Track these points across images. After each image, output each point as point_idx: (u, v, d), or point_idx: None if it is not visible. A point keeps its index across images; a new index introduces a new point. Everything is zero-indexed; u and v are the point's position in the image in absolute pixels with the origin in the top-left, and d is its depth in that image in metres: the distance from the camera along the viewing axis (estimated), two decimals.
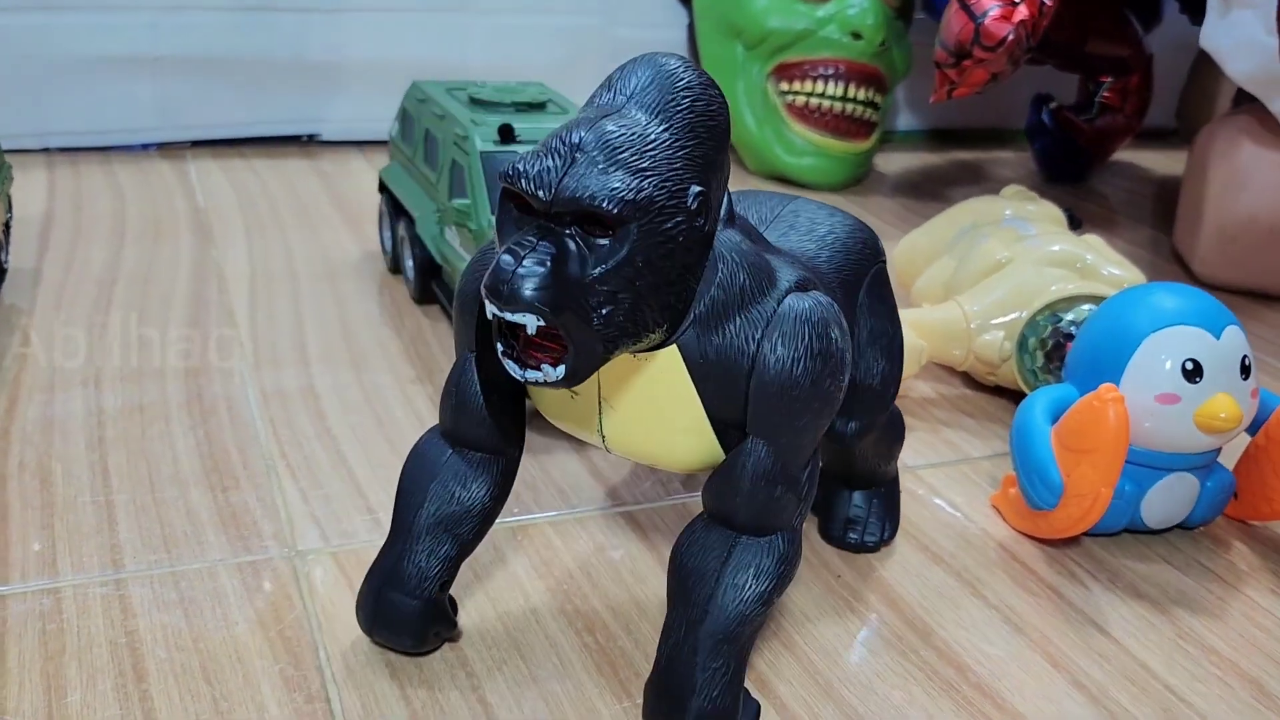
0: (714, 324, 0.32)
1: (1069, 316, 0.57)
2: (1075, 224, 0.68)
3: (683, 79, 0.31)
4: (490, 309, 0.29)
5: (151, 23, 0.88)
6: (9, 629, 0.39)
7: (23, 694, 0.36)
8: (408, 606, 0.37)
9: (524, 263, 0.28)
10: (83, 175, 0.85)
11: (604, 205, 0.28)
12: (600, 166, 0.29)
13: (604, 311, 0.29)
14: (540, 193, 0.29)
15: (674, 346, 0.32)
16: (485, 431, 0.36)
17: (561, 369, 0.30)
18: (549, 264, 0.28)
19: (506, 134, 0.59)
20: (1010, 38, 0.77)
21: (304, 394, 0.56)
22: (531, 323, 0.29)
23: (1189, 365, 0.46)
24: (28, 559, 0.42)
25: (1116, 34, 1.00)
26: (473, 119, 0.61)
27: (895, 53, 0.98)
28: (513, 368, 0.30)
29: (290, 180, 0.88)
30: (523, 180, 0.29)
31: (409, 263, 0.66)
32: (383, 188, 0.72)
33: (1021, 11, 0.77)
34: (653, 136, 0.30)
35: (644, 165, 0.29)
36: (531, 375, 0.30)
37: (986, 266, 0.61)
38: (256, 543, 0.44)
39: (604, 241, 0.29)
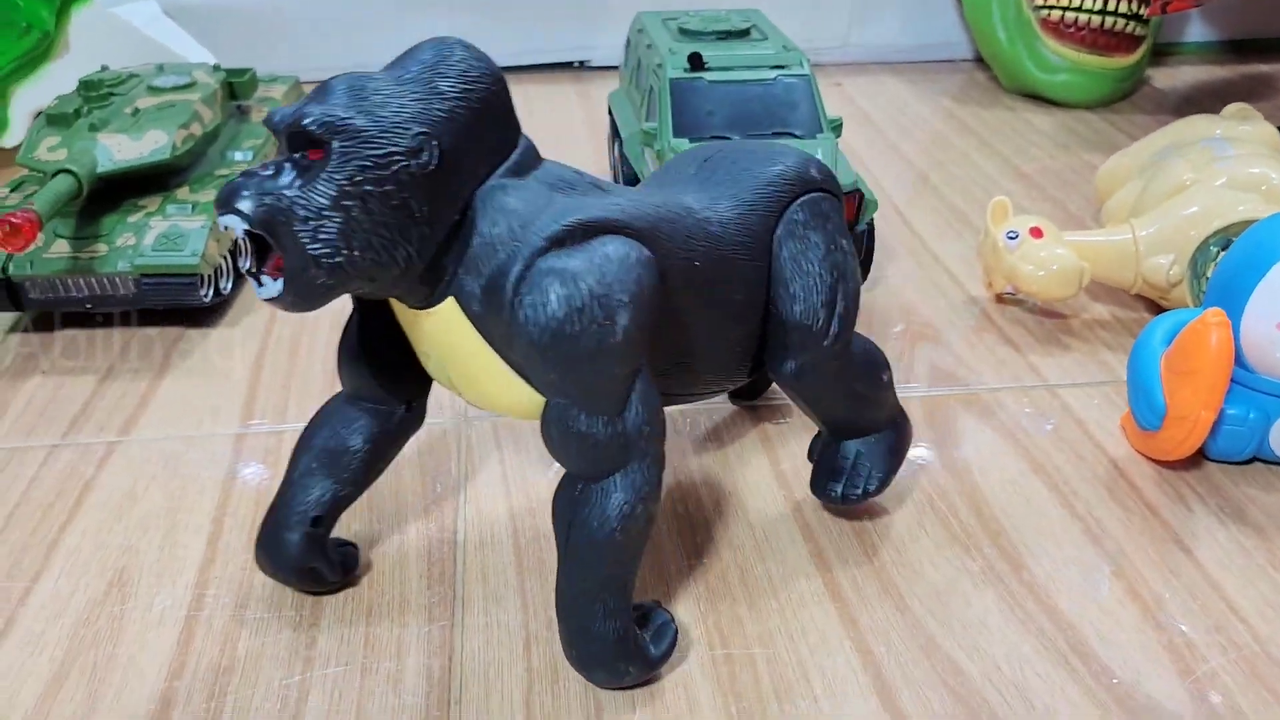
0: (478, 270, 0.33)
1: None
2: None
3: (453, 53, 0.34)
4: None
5: None
6: (242, 458, 0.51)
7: (240, 504, 0.48)
8: (285, 540, 0.40)
9: (244, 176, 0.32)
10: None
11: (306, 122, 0.31)
12: (323, 98, 0.32)
13: (309, 225, 0.31)
14: (275, 122, 0.32)
15: (451, 298, 0.34)
16: (366, 383, 0.39)
17: (279, 283, 0.32)
18: (260, 176, 0.31)
19: (696, 62, 0.64)
20: None
21: None
22: (236, 225, 0.31)
23: None
24: (268, 408, 0.54)
25: None
26: (670, 48, 0.66)
27: None
28: (253, 283, 0.33)
29: (555, 104, 0.98)
30: (270, 115, 0.33)
31: (622, 178, 0.74)
32: (610, 110, 0.79)
33: None
34: (386, 88, 0.32)
35: (363, 102, 0.32)
36: (260, 290, 0.33)
37: (1170, 188, 0.59)
38: (435, 409, 0.54)
39: (316, 161, 0.31)
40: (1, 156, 0.83)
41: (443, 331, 0.35)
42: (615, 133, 0.77)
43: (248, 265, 0.33)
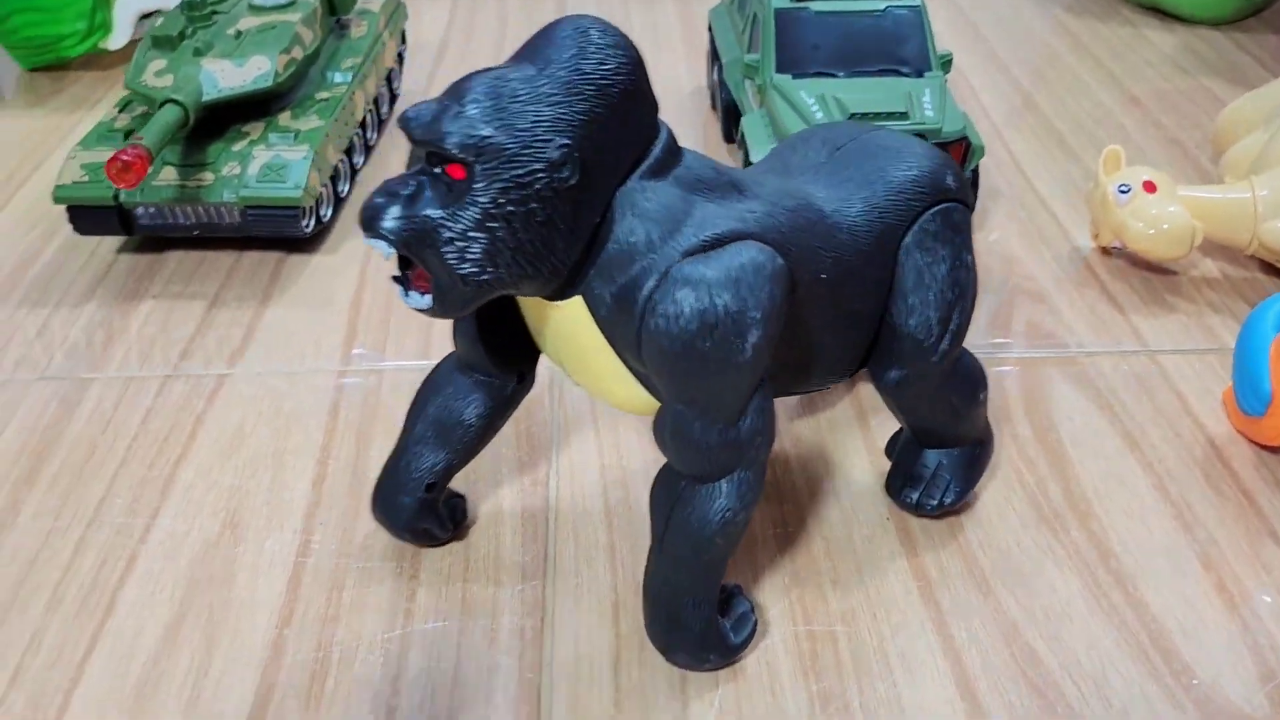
0: (611, 277, 0.33)
1: None
2: None
3: (589, 41, 0.32)
4: None
5: None
6: (344, 396, 0.52)
7: (342, 445, 0.49)
8: (400, 504, 0.42)
9: (385, 195, 0.31)
10: (478, 8, 0.97)
11: (447, 144, 0.30)
12: (462, 111, 0.31)
13: (456, 246, 0.31)
14: (413, 133, 0.31)
15: (579, 296, 0.34)
16: (479, 357, 0.39)
17: (429, 298, 0.32)
18: (405, 197, 0.31)
19: None
20: None
21: None
22: (383, 248, 0.32)
23: None
24: (367, 343, 0.56)
25: None
26: None
27: None
28: (399, 291, 0.33)
29: (653, 13, 0.95)
30: (406, 120, 0.32)
31: (720, 104, 0.72)
32: (710, 27, 0.77)
33: None
34: (524, 91, 0.31)
35: (503, 114, 0.31)
36: (408, 300, 0.33)
37: None
38: None
39: (458, 181, 0.31)
40: (108, 59, 0.85)
41: (566, 324, 0.35)
42: (715, 53, 0.75)
43: (394, 274, 0.33)
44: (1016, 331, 0.56)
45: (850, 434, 0.50)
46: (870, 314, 0.39)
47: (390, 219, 0.31)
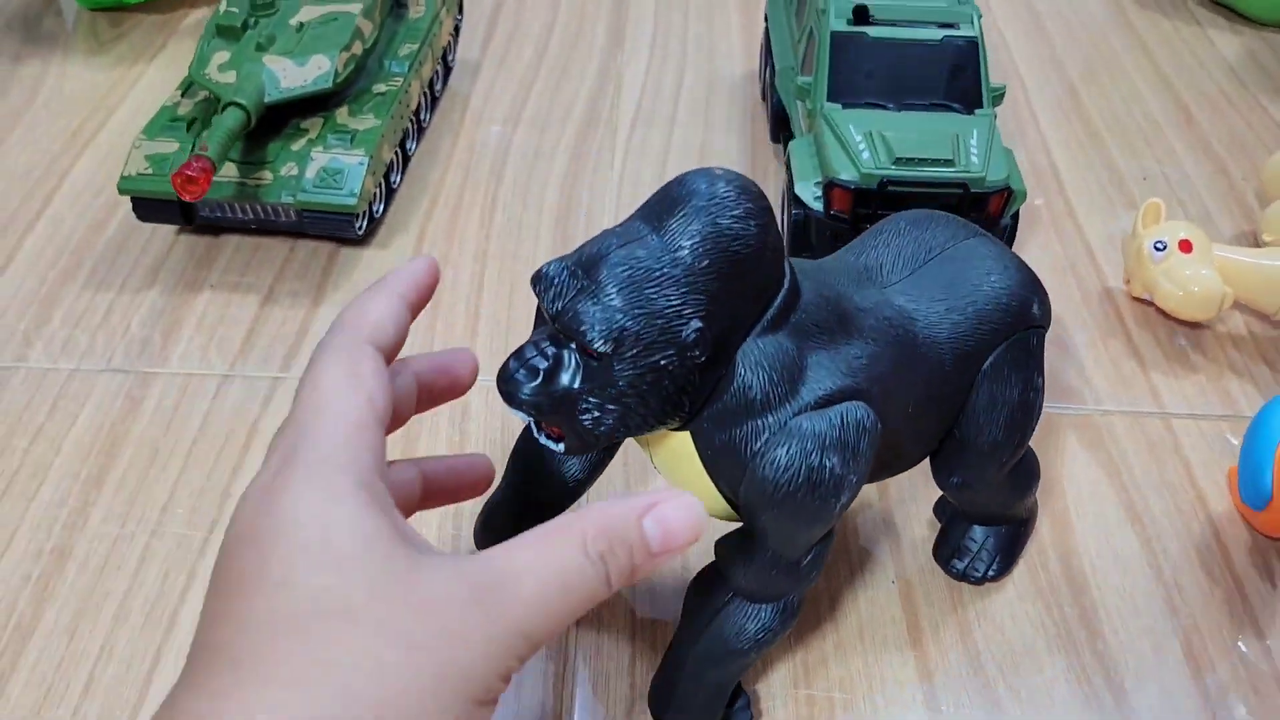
0: (723, 424, 0.34)
1: None
2: None
3: (717, 203, 0.32)
4: None
5: None
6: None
7: (391, 455, 0.53)
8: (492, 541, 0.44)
9: (525, 366, 0.33)
10: None
11: (589, 337, 0.31)
12: (599, 295, 0.32)
13: (593, 416, 0.33)
14: (549, 306, 0.32)
15: (687, 432, 0.35)
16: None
17: (562, 445, 0.34)
18: (543, 371, 0.32)
19: (860, 15, 0.62)
20: None
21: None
22: (522, 416, 0.34)
23: None
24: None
25: None
26: None
27: None
28: (534, 429, 0.35)
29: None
30: (541, 286, 0.33)
31: (769, 105, 0.72)
32: (766, 19, 0.77)
33: None
34: (661, 271, 0.32)
35: (641, 301, 0.31)
36: (543, 441, 0.35)
37: None
38: None
39: (594, 363, 0.32)
40: (165, 2, 0.85)
41: (671, 448, 0.36)
42: (768, 48, 0.75)
43: (529, 420, 0.35)
44: None
45: (864, 493, 0.52)
46: (941, 427, 0.41)
47: (530, 392, 0.32)
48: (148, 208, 0.61)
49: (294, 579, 0.26)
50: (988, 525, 0.48)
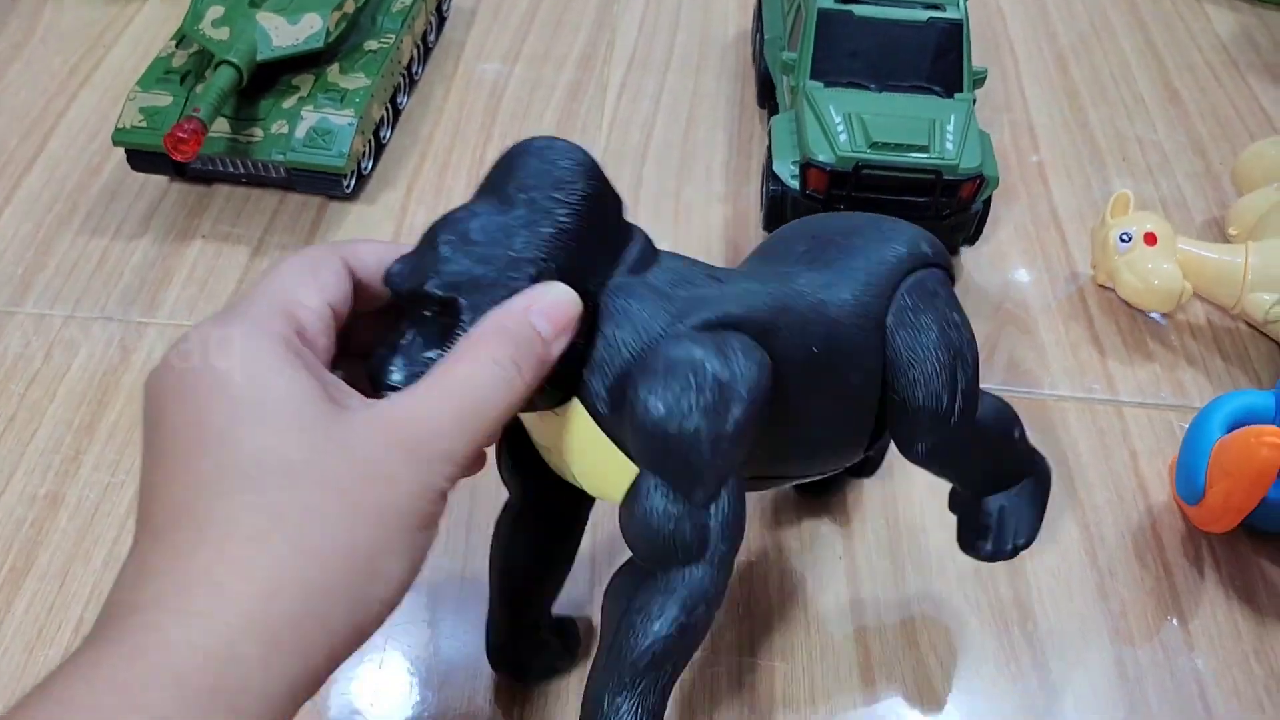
0: (603, 376, 0.34)
1: None
2: None
3: (545, 164, 0.34)
4: None
5: None
6: None
7: None
8: (506, 655, 0.45)
9: (386, 348, 0.33)
10: None
11: (428, 287, 0.32)
12: (436, 254, 0.32)
13: None
14: (397, 287, 0.33)
15: (575, 401, 0.35)
16: (518, 489, 0.41)
17: None
18: (404, 346, 0.32)
19: None
20: None
21: (629, 194, 0.68)
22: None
23: None
24: None
25: None
26: None
27: None
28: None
29: None
30: (390, 277, 0.33)
31: (757, 68, 0.73)
32: None
33: None
34: (491, 223, 0.33)
35: (476, 247, 0.32)
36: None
37: None
38: None
39: (448, 321, 0.32)
40: None
41: (571, 435, 0.36)
42: (760, 14, 0.75)
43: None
44: (997, 365, 0.60)
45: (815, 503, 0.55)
46: (869, 391, 0.40)
47: (396, 371, 0.32)
48: (141, 159, 0.62)
49: (236, 435, 0.28)
50: (997, 493, 0.45)
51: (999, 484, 0.45)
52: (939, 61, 0.63)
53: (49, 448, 0.53)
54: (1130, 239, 0.60)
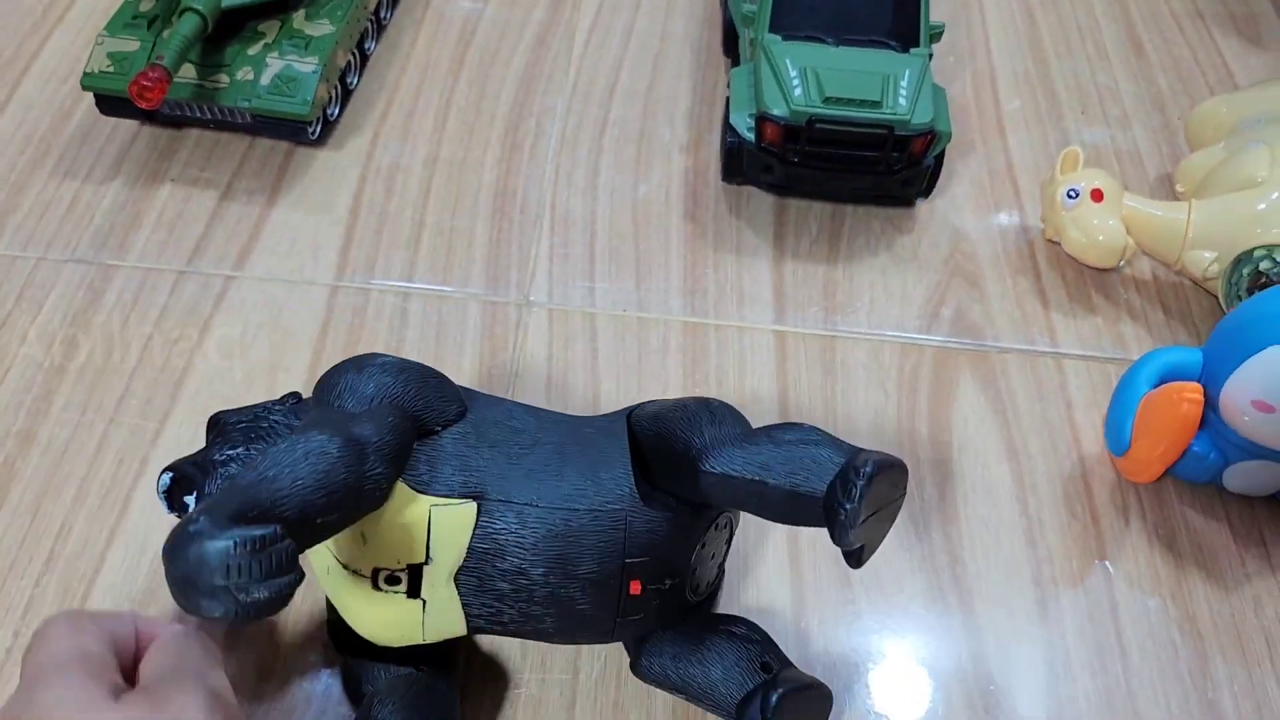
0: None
1: None
2: None
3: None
4: None
5: None
6: (333, 315, 0.59)
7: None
8: None
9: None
10: None
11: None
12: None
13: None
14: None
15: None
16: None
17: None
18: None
19: None
20: None
21: (592, 142, 0.69)
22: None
23: None
24: (360, 257, 0.62)
25: None
26: None
27: None
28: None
29: None
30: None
31: (723, 15, 0.74)
32: None
33: None
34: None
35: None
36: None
37: (1240, 179, 0.60)
38: (504, 286, 0.61)
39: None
40: None
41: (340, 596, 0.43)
42: None
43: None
44: (944, 317, 0.62)
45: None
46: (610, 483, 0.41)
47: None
48: (110, 103, 0.63)
49: None
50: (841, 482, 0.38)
51: (825, 468, 0.40)
52: (897, 15, 0.64)
53: (21, 387, 0.55)
54: (1077, 195, 0.61)
